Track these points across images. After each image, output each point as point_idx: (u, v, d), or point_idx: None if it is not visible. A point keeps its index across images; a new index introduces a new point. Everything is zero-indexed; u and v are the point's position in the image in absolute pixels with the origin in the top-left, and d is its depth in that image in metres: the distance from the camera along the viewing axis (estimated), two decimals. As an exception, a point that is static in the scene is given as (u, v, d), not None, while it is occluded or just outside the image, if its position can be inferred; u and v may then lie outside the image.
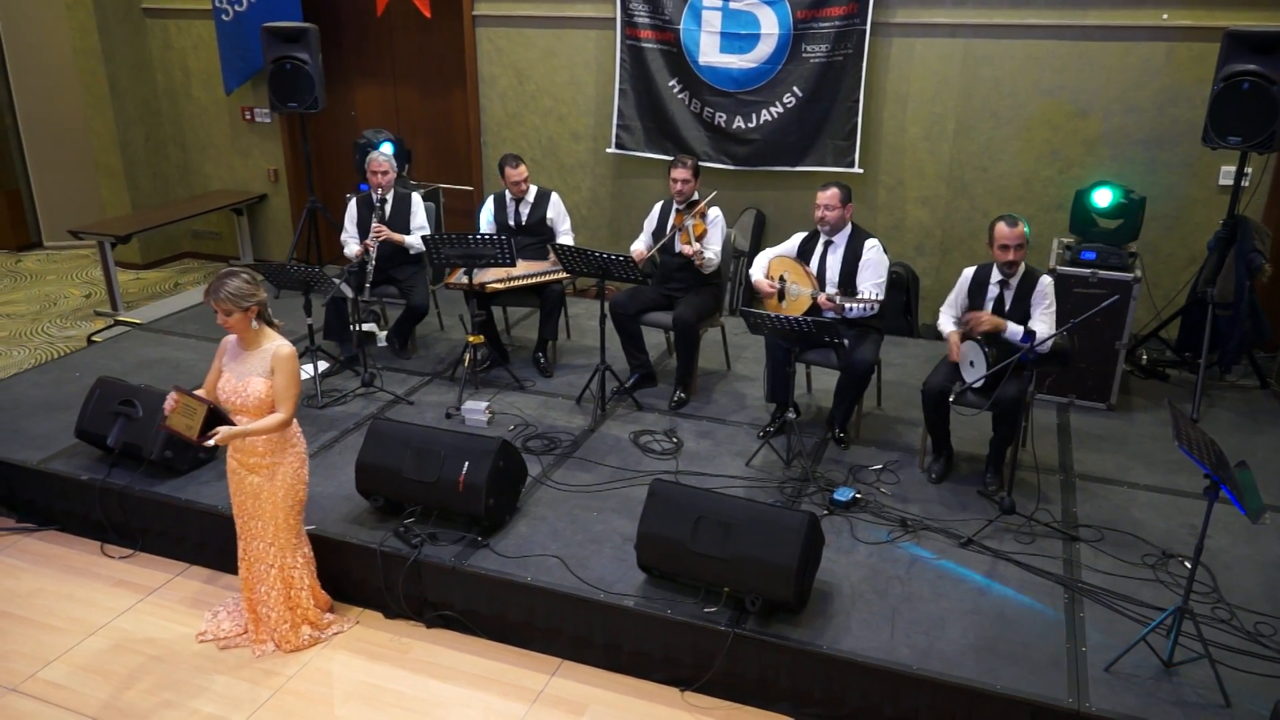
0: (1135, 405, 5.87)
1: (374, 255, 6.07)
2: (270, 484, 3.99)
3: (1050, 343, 4.51)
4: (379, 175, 6.13)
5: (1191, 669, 3.64)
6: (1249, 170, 5.85)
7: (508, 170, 6.16)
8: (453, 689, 3.98)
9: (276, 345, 3.90)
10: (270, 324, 3.96)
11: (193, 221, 8.90)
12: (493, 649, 4.22)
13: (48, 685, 3.99)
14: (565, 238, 6.26)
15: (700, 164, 6.03)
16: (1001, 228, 4.71)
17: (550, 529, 4.50)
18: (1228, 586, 4.15)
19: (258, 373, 3.88)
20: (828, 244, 5.30)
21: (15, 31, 8.98)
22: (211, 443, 3.82)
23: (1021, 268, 4.77)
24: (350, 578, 4.45)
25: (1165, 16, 6.23)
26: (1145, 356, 6.35)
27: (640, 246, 5.88)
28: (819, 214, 5.22)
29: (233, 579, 4.62)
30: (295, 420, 4.02)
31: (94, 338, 7.13)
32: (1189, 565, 3.79)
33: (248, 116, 8.75)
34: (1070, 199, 6.04)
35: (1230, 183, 6.05)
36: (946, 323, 5.02)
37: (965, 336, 4.83)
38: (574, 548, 4.36)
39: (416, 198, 6.39)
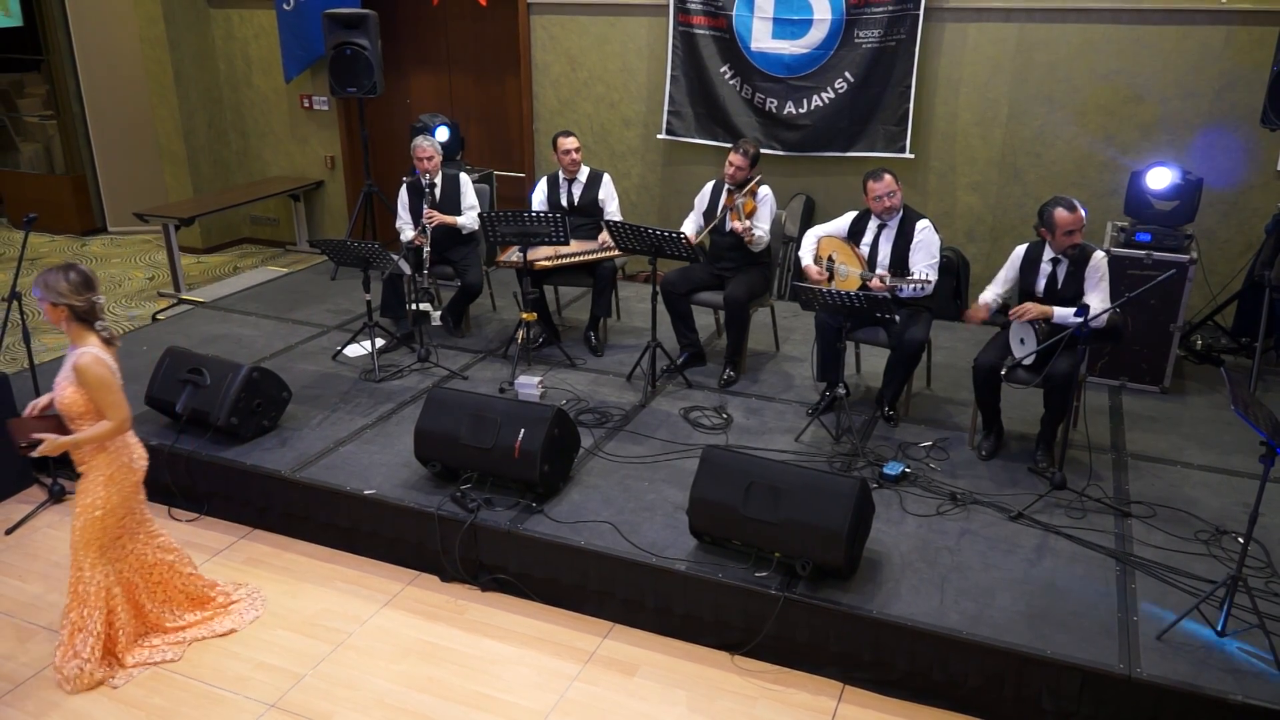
0: (1189, 389, 5.83)
1: (429, 240, 6.19)
2: (79, 491, 3.79)
3: (1104, 318, 4.51)
4: (425, 161, 6.24)
5: (1244, 639, 3.64)
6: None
7: (559, 140, 6.22)
8: (507, 648, 4.07)
9: (78, 353, 3.61)
10: (93, 329, 3.67)
11: (251, 207, 9.11)
12: (546, 611, 4.31)
13: (119, 637, 4.14)
14: (613, 217, 6.33)
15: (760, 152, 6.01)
16: (1062, 214, 4.67)
17: (603, 497, 4.58)
18: (1282, 562, 4.14)
19: (66, 378, 3.65)
20: (881, 226, 5.32)
21: (83, 21, 9.25)
22: (36, 453, 3.64)
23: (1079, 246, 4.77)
24: (407, 541, 4.56)
25: (1224, 1, 6.18)
26: (1200, 342, 6.29)
27: (690, 229, 5.92)
28: (883, 204, 5.20)
29: (296, 542, 4.77)
30: (128, 433, 3.80)
31: (159, 315, 7.35)
32: (1242, 539, 3.79)
33: (306, 104, 8.94)
34: (1124, 185, 6.01)
35: (1288, 167, 6.02)
36: (988, 294, 5.01)
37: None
38: (626, 514, 4.43)
39: (465, 177, 6.49)
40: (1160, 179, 5.69)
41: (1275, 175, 6.30)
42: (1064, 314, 4.66)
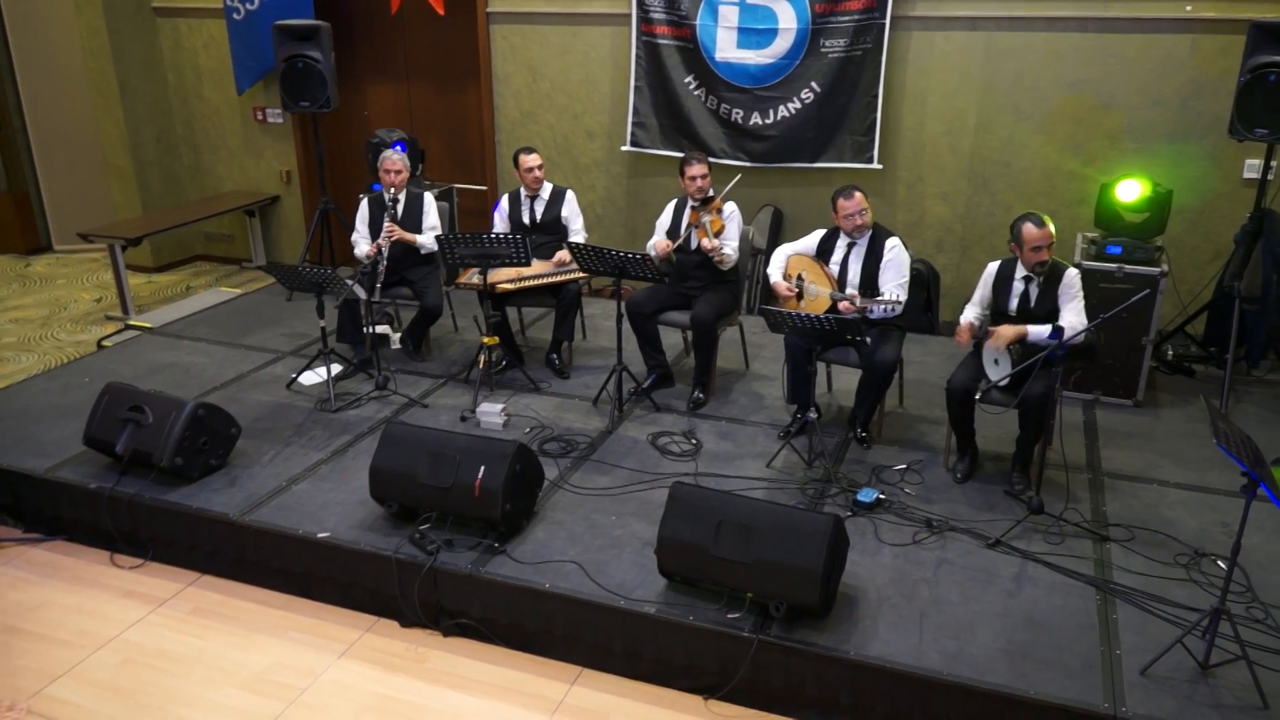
0: (1162, 401, 5.76)
1: (385, 255, 5.99)
2: None
3: (1080, 337, 4.41)
4: (392, 174, 6.06)
5: (1228, 671, 3.55)
6: (1275, 163, 5.75)
7: (521, 157, 6.07)
8: (470, 700, 3.89)
9: None
10: None
11: (205, 224, 8.83)
12: (511, 658, 4.13)
13: (55, 702, 3.89)
14: (577, 236, 6.17)
15: (711, 160, 5.90)
16: (1030, 229, 4.58)
17: (568, 534, 4.41)
18: (1261, 585, 4.04)
19: None
20: (851, 244, 5.20)
21: (23, 31, 8.91)
22: None
23: (1047, 264, 4.67)
24: (364, 586, 4.37)
25: (1189, 8, 6.11)
26: (1171, 352, 6.24)
27: (660, 238, 5.77)
28: (854, 223, 5.08)
29: (247, 589, 4.56)
30: None
31: (104, 342, 7.07)
32: (1223, 565, 3.69)
33: (259, 117, 8.69)
34: (1093, 194, 5.94)
35: (1255, 175, 5.95)
36: (970, 314, 4.90)
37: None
38: (593, 553, 4.27)
39: (429, 197, 6.31)
40: (1130, 191, 5.61)
41: (1242, 183, 6.24)
42: (1039, 332, 4.55)
